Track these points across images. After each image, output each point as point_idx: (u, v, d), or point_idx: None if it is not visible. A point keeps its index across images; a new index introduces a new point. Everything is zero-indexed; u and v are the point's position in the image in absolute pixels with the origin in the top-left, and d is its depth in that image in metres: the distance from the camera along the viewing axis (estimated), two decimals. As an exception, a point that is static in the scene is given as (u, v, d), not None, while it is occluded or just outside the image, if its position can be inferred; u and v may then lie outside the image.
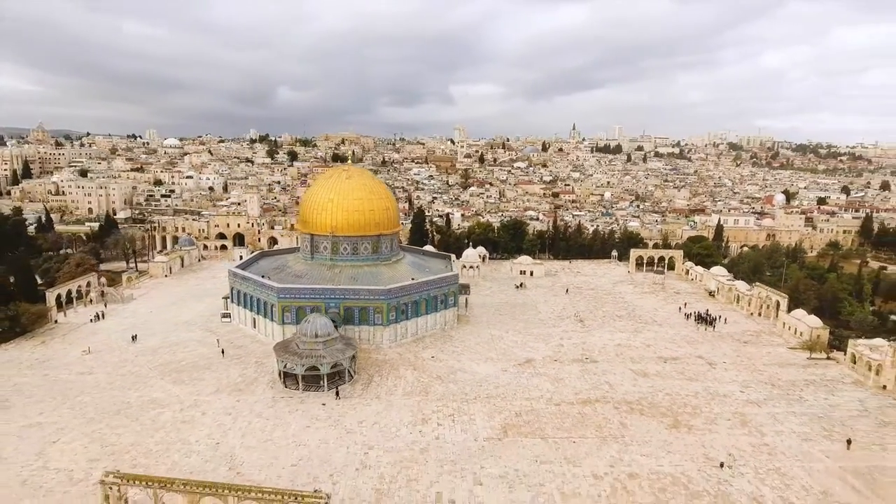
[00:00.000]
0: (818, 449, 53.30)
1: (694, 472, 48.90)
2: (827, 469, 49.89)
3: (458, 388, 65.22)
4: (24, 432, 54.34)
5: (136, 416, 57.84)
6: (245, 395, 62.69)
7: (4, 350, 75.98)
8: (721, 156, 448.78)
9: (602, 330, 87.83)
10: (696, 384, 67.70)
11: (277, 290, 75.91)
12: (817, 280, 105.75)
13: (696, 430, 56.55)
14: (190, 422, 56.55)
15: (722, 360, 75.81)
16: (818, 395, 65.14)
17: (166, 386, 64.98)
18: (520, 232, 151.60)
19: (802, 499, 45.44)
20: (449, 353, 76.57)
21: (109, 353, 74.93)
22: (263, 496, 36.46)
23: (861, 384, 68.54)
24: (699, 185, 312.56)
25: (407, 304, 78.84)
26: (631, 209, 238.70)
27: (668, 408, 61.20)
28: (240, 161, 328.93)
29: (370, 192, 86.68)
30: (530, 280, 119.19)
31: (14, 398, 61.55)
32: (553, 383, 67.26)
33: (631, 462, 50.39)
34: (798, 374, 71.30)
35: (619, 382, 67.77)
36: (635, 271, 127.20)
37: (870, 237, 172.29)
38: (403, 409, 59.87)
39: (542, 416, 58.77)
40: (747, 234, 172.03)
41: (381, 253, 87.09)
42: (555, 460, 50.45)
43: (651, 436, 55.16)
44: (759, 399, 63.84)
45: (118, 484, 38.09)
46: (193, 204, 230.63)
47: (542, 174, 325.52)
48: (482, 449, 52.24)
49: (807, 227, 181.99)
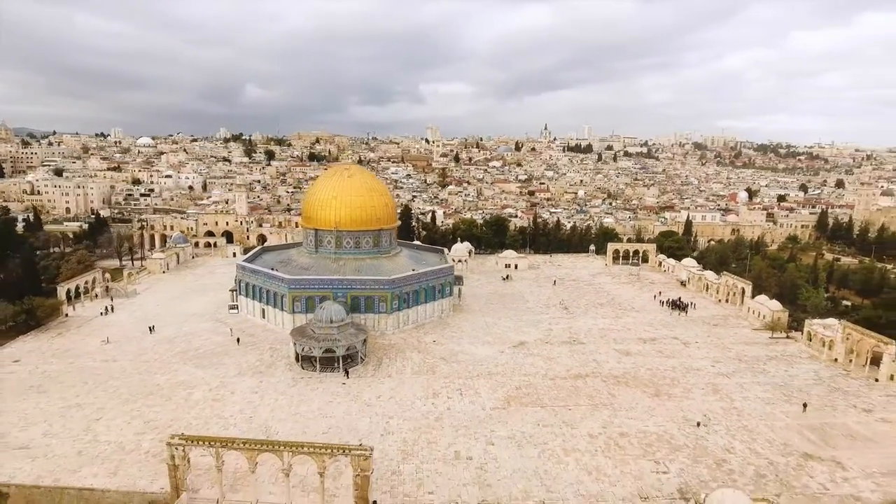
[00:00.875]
0: (779, 410, 61.46)
1: (675, 431, 56.40)
2: (787, 426, 57.95)
3: (462, 368, 71.74)
4: (67, 412, 58.74)
5: (169, 396, 62.71)
6: (266, 377, 68.01)
7: (24, 342, 79.42)
8: (687, 155, 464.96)
9: (586, 316, 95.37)
10: (672, 360, 75.60)
11: (288, 281, 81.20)
12: (778, 269, 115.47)
13: (675, 397, 64.23)
14: (221, 399, 61.73)
15: (694, 340, 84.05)
16: (779, 368, 73.67)
17: (190, 370, 69.79)
18: (502, 228, 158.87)
19: (766, 449, 53.25)
20: (448, 337, 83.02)
21: (127, 342, 79.09)
22: (315, 450, 42.22)
23: (816, 358, 77.45)
24: (667, 184, 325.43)
25: (408, 294, 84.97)
26: (604, 207, 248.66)
27: (649, 380, 68.79)
28: (217, 160, 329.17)
29: (370, 189, 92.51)
30: (515, 273, 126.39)
31: (47, 384, 65.61)
32: (546, 362, 74.31)
33: (620, 424, 57.64)
34: (761, 351, 79.93)
35: (605, 360, 75.20)
36: (612, 264, 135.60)
37: (825, 231, 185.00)
38: (415, 385, 66.11)
39: (539, 389, 65.69)
40: (714, 228, 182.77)
41: (382, 246, 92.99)
42: (554, 424, 57.37)
43: (636, 403, 62.58)
44: (728, 372, 72.01)
45: (183, 445, 43.31)
46: (174, 203, 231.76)
47: (517, 173, 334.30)
48: (490, 416, 58.85)
49: (768, 223, 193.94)
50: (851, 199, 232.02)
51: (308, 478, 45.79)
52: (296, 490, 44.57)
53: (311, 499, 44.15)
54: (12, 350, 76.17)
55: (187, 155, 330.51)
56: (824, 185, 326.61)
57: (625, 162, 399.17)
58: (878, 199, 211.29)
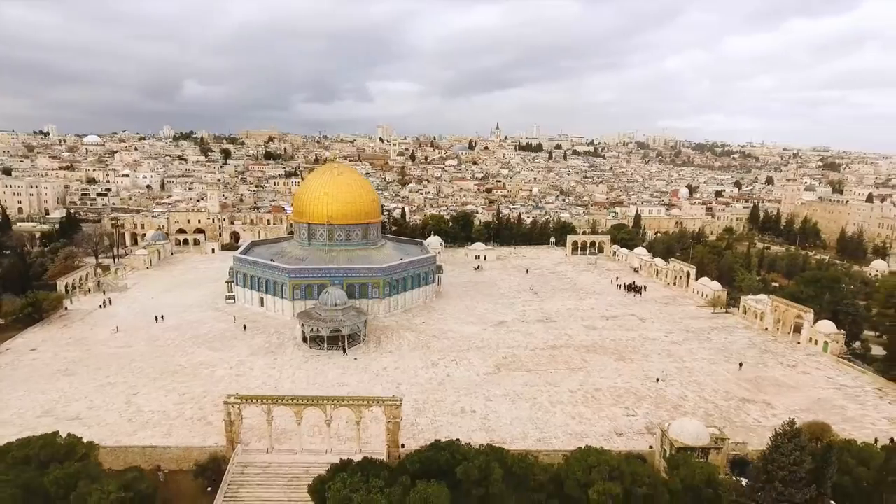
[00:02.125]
0: (721, 368, 73.73)
1: (639, 385, 67.54)
2: (727, 380, 70.09)
3: (452, 343, 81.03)
4: (102, 390, 64.52)
5: (194, 373, 69.24)
6: (279, 356, 75.29)
7: (33, 333, 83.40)
8: (631, 154, 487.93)
9: (553, 299, 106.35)
10: (632, 333, 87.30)
11: (289, 270, 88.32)
12: (717, 256, 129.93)
13: (637, 360, 75.63)
14: (244, 375, 68.78)
15: (649, 316, 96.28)
16: (720, 336, 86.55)
17: (205, 352, 76.22)
18: (468, 223, 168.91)
19: (712, 396, 65.03)
20: (436, 319, 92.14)
21: (136, 331, 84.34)
22: (354, 403, 50.57)
23: (749, 328, 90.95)
24: (615, 181, 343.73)
25: (398, 281, 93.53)
26: (558, 203, 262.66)
27: (614, 348, 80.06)
28: (172, 159, 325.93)
29: (359, 186, 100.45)
30: (485, 263, 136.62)
31: (74, 368, 70.78)
32: (525, 336, 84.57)
33: (594, 382, 68.35)
34: (705, 323, 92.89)
35: (575, 334, 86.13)
36: (571, 254, 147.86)
37: (757, 223, 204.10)
38: (414, 358, 74.95)
39: (522, 358, 75.76)
40: (660, 221, 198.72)
41: (370, 239, 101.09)
42: (539, 384, 67.49)
43: (605, 366, 73.56)
44: (678, 340, 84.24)
45: (238, 403, 50.72)
46: (132, 203, 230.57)
47: (473, 171, 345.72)
48: (484, 380, 68.42)
49: (707, 216, 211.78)
50: (779, 194, 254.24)
51: (340, 430, 53.98)
52: (333, 440, 52.72)
53: (347, 446, 52.33)
54: (25, 340, 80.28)
55: (140, 154, 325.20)
56: (755, 181, 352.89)
57: (574, 160, 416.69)
58: (801, 194, 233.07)
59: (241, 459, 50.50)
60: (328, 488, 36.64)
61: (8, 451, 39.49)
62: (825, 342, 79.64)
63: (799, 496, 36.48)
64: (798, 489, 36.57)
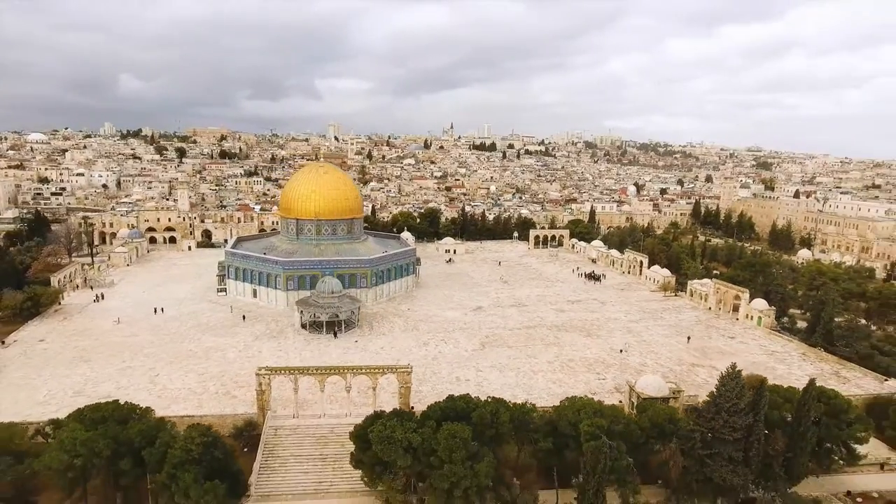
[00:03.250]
0: (674, 341, 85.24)
1: (605, 356, 78.00)
2: (679, 349, 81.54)
3: (438, 326, 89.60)
4: (124, 373, 69.76)
5: (206, 356, 75.16)
6: (281, 340, 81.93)
7: (35, 326, 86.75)
8: (580, 153, 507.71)
9: (523, 287, 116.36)
10: (596, 314, 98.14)
11: (283, 263, 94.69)
12: (665, 247, 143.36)
13: (602, 336, 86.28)
14: (254, 356, 75.13)
15: (609, 300, 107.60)
16: (671, 315, 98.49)
17: (211, 339, 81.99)
18: (435, 219, 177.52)
19: (667, 362, 76.13)
20: (419, 306, 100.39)
21: (138, 322, 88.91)
22: (371, 371, 58.40)
23: (696, 308, 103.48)
24: (566, 180, 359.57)
25: (383, 272, 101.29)
26: (515, 200, 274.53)
27: (582, 327, 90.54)
28: (126, 157, 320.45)
29: (343, 183, 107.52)
30: (455, 256, 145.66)
31: (88, 355, 75.35)
32: (502, 319, 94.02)
33: (567, 354, 78.39)
34: (658, 305, 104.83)
35: (546, 316, 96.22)
36: (534, 248, 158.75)
37: (699, 218, 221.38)
38: (407, 339, 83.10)
39: (503, 337, 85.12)
40: (612, 217, 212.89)
41: (354, 233, 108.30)
42: (521, 357, 76.96)
43: (575, 341, 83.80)
44: (636, 319, 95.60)
45: (269, 374, 57.65)
46: (88, 202, 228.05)
47: (432, 170, 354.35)
48: (472, 355, 77.34)
49: (654, 212, 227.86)
50: (718, 191, 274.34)
51: (356, 397, 61.59)
52: (350, 406, 60.33)
53: (363, 409, 59.93)
54: (29, 332, 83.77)
55: (92, 152, 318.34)
56: (696, 179, 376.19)
57: (527, 159, 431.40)
58: (738, 191, 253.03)
59: (272, 423, 57.55)
60: (370, 431, 44.51)
61: (84, 414, 45.43)
62: (759, 317, 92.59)
63: (740, 422, 46.90)
64: (739, 417, 46.98)
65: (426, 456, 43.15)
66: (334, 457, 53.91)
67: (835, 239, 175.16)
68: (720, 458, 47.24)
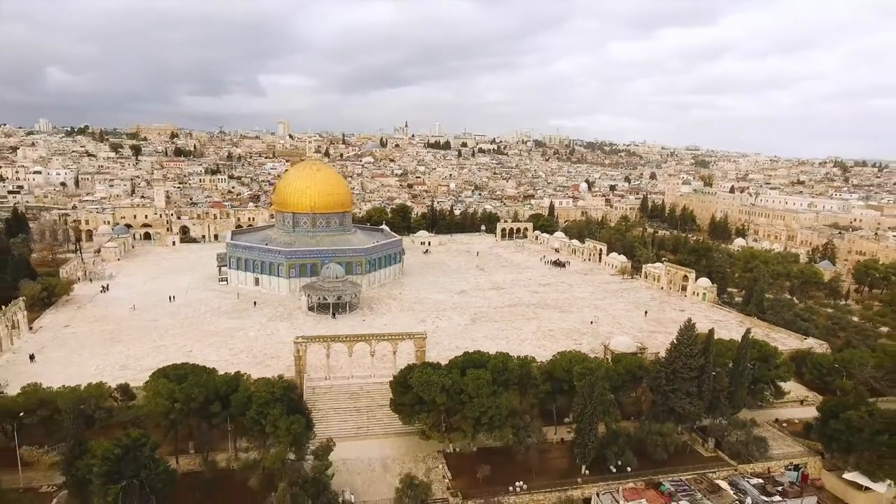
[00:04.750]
0: (634, 314, 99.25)
1: (579, 326, 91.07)
2: (639, 320, 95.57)
3: (431, 305, 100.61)
4: (158, 350, 77.38)
5: (230, 335, 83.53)
6: (293, 321, 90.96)
7: (53, 314, 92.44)
8: (531, 152, 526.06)
9: (497, 273, 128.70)
10: (565, 294, 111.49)
11: (286, 253, 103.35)
12: (621, 236, 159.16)
13: (573, 311, 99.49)
14: (273, 334, 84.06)
15: (575, 283, 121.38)
16: (630, 294, 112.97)
17: (228, 321, 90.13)
18: (407, 214, 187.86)
19: (630, 330, 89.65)
20: (409, 290, 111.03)
21: (152, 308, 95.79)
22: (392, 337, 68.86)
23: (650, 287, 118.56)
24: (521, 177, 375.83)
25: (375, 260, 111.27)
26: (475, 197, 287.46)
27: (555, 304, 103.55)
28: (80, 155, 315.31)
29: (335, 180, 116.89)
30: (431, 248, 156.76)
31: (117, 337, 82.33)
32: (485, 299, 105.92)
33: (547, 326, 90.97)
34: (618, 286, 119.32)
35: (523, 296, 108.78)
36: (501, 239, 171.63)
37: (646, 212, 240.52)
38: (405, 317, 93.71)
39: (488, 314, 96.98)
40: (568, 211, 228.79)
41: (345, 225, 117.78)
42: (508, 329, 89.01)
43: (552, 316, 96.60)
44: (601, 298, 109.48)
45: (305, 342, 67.18)
46: (48, 200, 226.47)
47: (393, 168, 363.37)
48: (466, 329, 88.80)
49: (606, 206, 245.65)
50: (662, 187, 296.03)
51: (376, 362, 71.83)
52: (373, 368, 70.59)
53: (382, 371, 70.36)
54: (51, 319, 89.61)
55: (46, 150, 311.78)
56: (641, 177, 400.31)
57: (482, 158, 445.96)
58: (680, 187, 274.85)
59: (309, 385, 67.22)
60: (410, 377, 55.22)
61: (165, 372, 54.10)
62: (703, 293, 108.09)
63: (694, 364, 60.14)
64: (694, 360, 60.23)
65: (457, 394, 54.19)
66: (366, 408, 64.45)
67: (765, 229, 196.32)
68: (680, 392, 60.44)
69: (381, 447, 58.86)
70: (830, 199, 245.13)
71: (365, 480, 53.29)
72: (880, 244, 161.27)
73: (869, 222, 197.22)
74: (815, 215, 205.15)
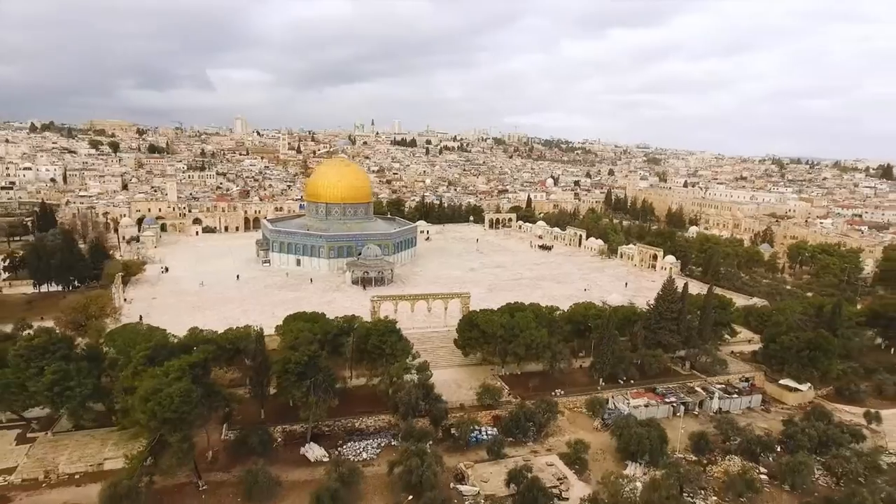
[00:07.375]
0: (616, 285, 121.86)
1: (575, 293, 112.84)
2: (621, 289, 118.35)
3: (451, 279, 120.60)
4: (246, 314, 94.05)
5: (297, 303, 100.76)
6: (342, 292, 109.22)
7: (134, 290, 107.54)
8: (492, 149, 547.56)
9: (495, 256, 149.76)
10: (557, 270, 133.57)
11: (326, 237, 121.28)
12: (596, 224, 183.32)
13: (568, 283, 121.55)
14: (331, 302, 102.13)
15: (563, 262, 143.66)
16: (611, 270, 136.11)
17: (289, 293, 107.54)
18: (401, 207, 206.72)
19: (617, 296, 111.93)
20: (427, 268, 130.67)
21: (218, 284, 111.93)
22: (443, 296, 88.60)
23: (625, 265, 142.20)
24: (489, 173, 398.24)
25: (398, 243, 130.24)
26: (451, 192, 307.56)
27: (552, 277, 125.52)
28: (63, 152, 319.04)
29: (361, 174, 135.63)
30: (431, 236, 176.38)
31: (204, 304, 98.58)
32: (493, 276, 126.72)
33: (549, 293, 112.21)
34: (599, 265, 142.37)
35: (524, 273, 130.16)
36: (489, 228, 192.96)
37: (611, 205, 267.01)
38: (435, 288, 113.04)
39: (501, 285, 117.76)
40: (542, 204, 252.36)
41: (369, 214, 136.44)
42: (520, 297, 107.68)
43: (552, 286, 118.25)
44: (587, 272, 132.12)
45: (379, 300, 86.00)
46: (41, 196, 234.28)
47: (368, 165, 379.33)
48: (486, 296, 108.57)
49: (575, 200, 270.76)
50: (622, 182, 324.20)
51: (431, 318, 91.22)
52: (429, 320, 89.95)
53: (433, 323, 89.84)
54: (137, 294, 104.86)
55: (28, 146, 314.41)
56: (599, 173, 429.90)
57: (450, 155, 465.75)
58: (639, 182, 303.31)
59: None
60: (474, 318, 75.21)
61: (295, 317, 72.18)
62: (670, 268, 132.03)
63: (675, 307, 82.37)
64: (675, 304, 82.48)
65: (509, 330, 74.50)
66: (431, 348, 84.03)
67: (715, 218, 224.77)
68: (665, 329, 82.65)
69: (448, 374, 78.60)
70: (769, 193, 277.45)
71: (447, 392, 72.94)
72: (809, 230, 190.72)
73: (801, 212, 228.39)
74: (757, 206, 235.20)
